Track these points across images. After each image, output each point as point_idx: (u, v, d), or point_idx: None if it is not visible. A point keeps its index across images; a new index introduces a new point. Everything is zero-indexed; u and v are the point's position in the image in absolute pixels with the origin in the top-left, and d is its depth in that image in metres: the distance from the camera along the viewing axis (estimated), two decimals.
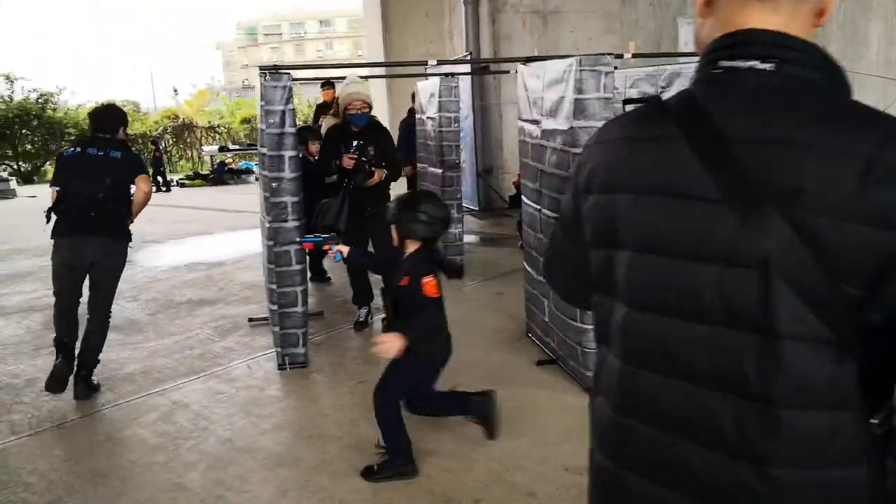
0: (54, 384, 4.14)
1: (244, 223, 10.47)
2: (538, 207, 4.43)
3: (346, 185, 4.88)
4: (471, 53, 9.99)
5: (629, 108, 1.37)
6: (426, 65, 5.22)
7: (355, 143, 4.98)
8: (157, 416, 4.03)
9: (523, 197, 4.75)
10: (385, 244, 4.88)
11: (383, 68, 11.18)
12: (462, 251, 7.01)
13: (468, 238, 7.96)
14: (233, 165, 17.55)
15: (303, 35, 67.38)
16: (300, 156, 5.88)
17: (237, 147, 19.13)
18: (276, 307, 4.50)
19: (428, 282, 3.07)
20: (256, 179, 5.55)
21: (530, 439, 3.58)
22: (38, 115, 22.35)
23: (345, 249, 3.49)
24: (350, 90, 4.82)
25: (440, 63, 4.77)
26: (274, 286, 4.47)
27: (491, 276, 6.75)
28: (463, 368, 4.49)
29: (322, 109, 9.00)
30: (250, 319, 5.64)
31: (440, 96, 6.56)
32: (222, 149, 18.11)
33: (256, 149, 17.44)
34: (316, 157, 5.92)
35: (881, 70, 5.09)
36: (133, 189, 4.34)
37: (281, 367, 4.60)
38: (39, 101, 22.79)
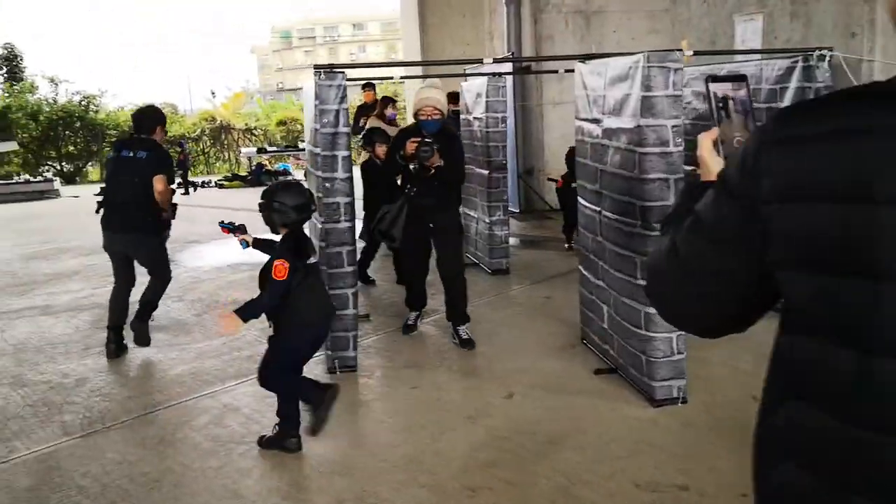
0: (108, 354, 4.98)
1: None
2: (598, 209, 4.28)
3: (407, 191, 4.73)
4: (513, 53, 9.85)
5: (714, 87, 1.18)
6: (480, 63, 5.07)
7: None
8: (209, 419, 3.97)
9: (580, 199, 4.60)
10: (449, 255, 4.82)
11: (420, 68, 11.10)
12: (507, 253, 6.87)
13: (511, 241, 7.81)
14: (270, 167, 17.65)
15: (336, 38, 67.82)
16: (369, 158, 5.74)
17: (275, 148, 19.21)
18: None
19: (277, 265, 3.30)
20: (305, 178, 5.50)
21: (594, 452, 3.43)
22: (81, 116, 22.74)
23: (249, 239, 3.93)
24: (422, 95, 4.63)
25: (496, 62, 4.64)
26: (326, 288, 4.37)
27: (537, 280, 6.60)
28: (517, 375, 4.37)
29: (363, 111, 8.94)
30: None
31: (487, 96, 6.44)
32: (260, 150, 18.20)
33: (293, 150, 17.54)
34: (382, 160, 5.81)
35: None
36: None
37: (331, 370, 4.51)
38: (82, 103, 23.20)
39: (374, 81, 9.39)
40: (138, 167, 4.72)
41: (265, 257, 3.56)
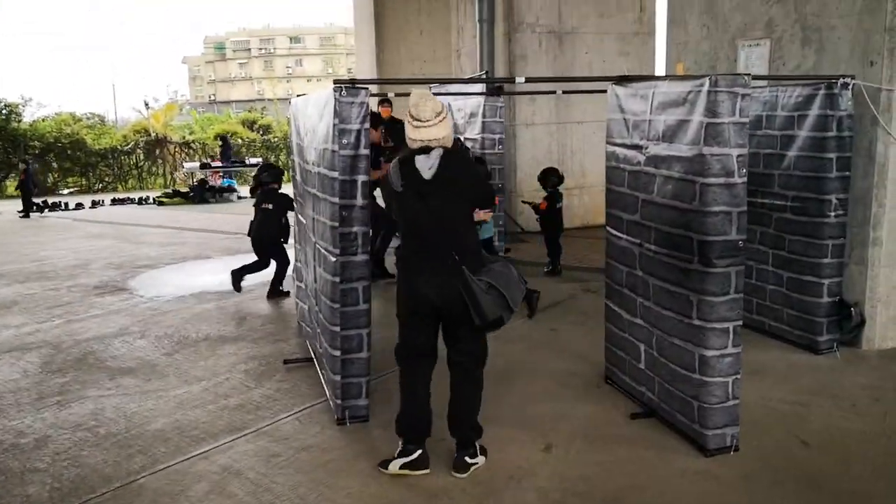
0: None
1: (241, 246, 9.79)
2: (637, 241, 3.96)
3: None
4: (487, 73, 9.57)
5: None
6: (513, 81, 4.71)
7: None
8: (209, 487, 3.40)
9: (610, 228, 4.27)
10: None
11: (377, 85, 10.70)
12: None
13: None
14: (213, 183, 16.79)
15: (272, 51, 66.52)
16: None
17: (220, 164, 18.34)
18: (338, 353, 3.92)
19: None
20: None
21: None
22: (3, 126, 21.20)
23: None
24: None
25: (528, 81, 4.28)
26: (337, 328, 3.89)
27: (538, 309, 6.25)
28: (550, 422, 3.99)
29: (375, 125, 8.49)
30: (286, 361, 5.03)
31: (484, 116, 6.10)
32: (204, 166, 17.32)
33: (240, 166, 16.79)
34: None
35: None
36: None
37: (340, 421, 4.01)
38: (3, 112, 21.64)
39: (390, 97, 8.98)
40: None
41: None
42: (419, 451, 3.45)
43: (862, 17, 4.70)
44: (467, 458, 3.46)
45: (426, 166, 3.22)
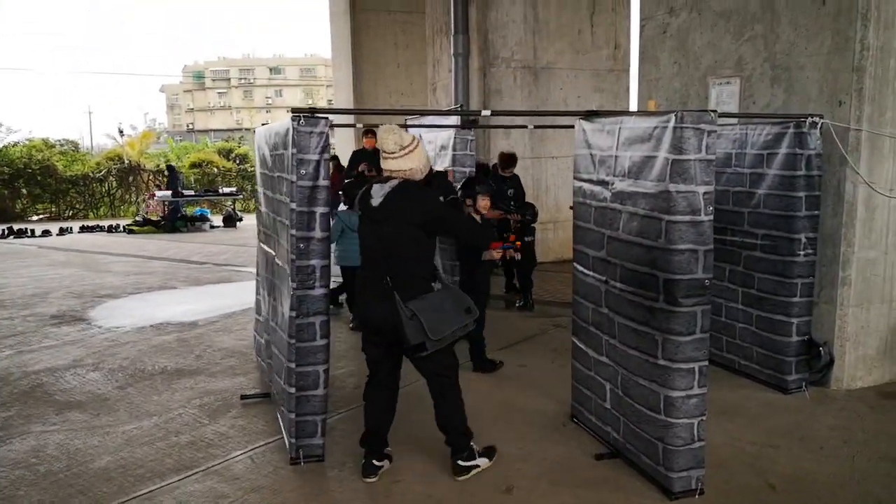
0: None
1: (209, 277, 9.62)
2: (602, 278, 3.88)
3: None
4: (461, 106, 9.57)
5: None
6: (479, 114, 4.67)
7: None
8: None
9: (577, 264, 4.20)
10: None
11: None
12: None
13: None
14: (186, 212, 16.56)
15: (252, 81, 66.66)
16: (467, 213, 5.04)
17: (192, 193, 18.12)
18: (293, 389, 3.77)
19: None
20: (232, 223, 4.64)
21: None
22: None
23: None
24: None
25: (495, 114, 4.22)
26: (293, 365, 3.74)
27: (505, 345, 6.13)
28: (513, 462, 3.86)
29: (362, 157, 8.51)
30: (243, 396, 4.84)
31: (455, 149, 6.05)
32: (176, 194, 17.11)
33: (213, 195, 16.60)
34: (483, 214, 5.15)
35: None
36: None
37: (294, 461, 3.84)
38: None
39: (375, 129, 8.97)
40: None
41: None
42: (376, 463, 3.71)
43: (830, 57, 4.74)
44: (460, 462, 3.68)
45: (378, 194, 3.44)
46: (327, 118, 3.58)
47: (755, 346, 5.04)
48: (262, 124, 5.17)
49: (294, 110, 3.57)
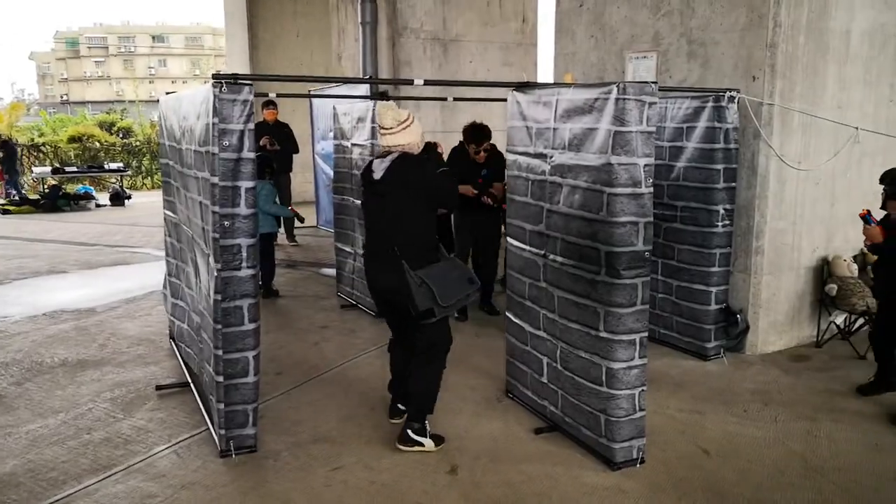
0: None
1: (103, 259, 8.96)
2: (541, 252, 3.85)
3: None
4: (370, 77, 9.29)
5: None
6: (411, 83, 4.46)
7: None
8: None
9: (511, 239, 4.15)
10: None
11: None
12: None
13: None
14: (68, 189, 15.32)
15: (132, 50, 62.55)
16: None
17: (75, 169, 16.76)
18: (221, 378, 3.53)
19: None
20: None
21: None
22: None
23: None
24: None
25: (428, 83, 4.03)
26: (220, 352, 3.50)
27: None
28: (453, 441, 3.81)
29: (262, 131, 8.04)
30: (158, 387, 4.52)
31: (372, 122, 5.83)
32: (56, 171, 15.76)
33: (97, 171, 15.44)
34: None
35: (833, 114, 5.12)
36: None
37: (224, 453, 3.61)
38: None
39: (275, 99, 8.52)
40: None
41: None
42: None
43: (745, 33, 4.88)
44: (410, 432, 3.69)
45: (379, 168, 3.56)
46: (251, 85, 3.32)
47: (675, 316, 5.20)
48: (168, 93, 4.78)
49: (216, 77, 3.29)
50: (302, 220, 7.28)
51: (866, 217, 4.21)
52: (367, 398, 4.37)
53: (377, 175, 3.56)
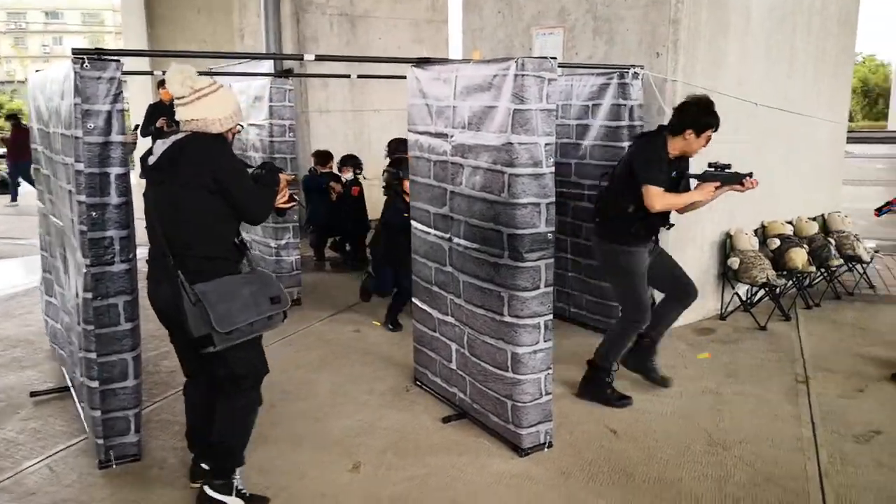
0: None
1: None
2: (446, 236, 3.69)
3: None
4: (275, 55, 8.88)
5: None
6: (301, 58, 4.21)
7: None
8: None
9: (416, 222, 3.97)
10: None
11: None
12: (299, 282, 5.99)
13: None
14: None
15: (24, 27, 58.46)
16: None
17: None
18: (96, 384, 3.21)
19: None
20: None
21: None
22: None
23: None
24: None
25: (319, 59, 3.74)
26: (93, 355, 3.18)
27: (338, 309, 5.83)
28: (357, 436, 3.63)
29: (159, 111, 7.50)
30: (33, 393, 4.13)
31: (270, 100, 5.52)
32: None
33: None
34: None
35: (734, 89, 5.16)
36: None
37: (104, 464, 3.31)
38: None
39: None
40: None
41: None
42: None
43: (648, 9, 4.84)
44: (207, 489, 2.91)
45: (158, 152, 2.75)
46: (119, 61, 3.00)
47: (584, 294, 5.17)
48: (37, 71, 4.34)
49: (76, 51, 2.94)
50: None
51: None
52: (267, 391, 4.12)
53: (152, 159, 2.77)
